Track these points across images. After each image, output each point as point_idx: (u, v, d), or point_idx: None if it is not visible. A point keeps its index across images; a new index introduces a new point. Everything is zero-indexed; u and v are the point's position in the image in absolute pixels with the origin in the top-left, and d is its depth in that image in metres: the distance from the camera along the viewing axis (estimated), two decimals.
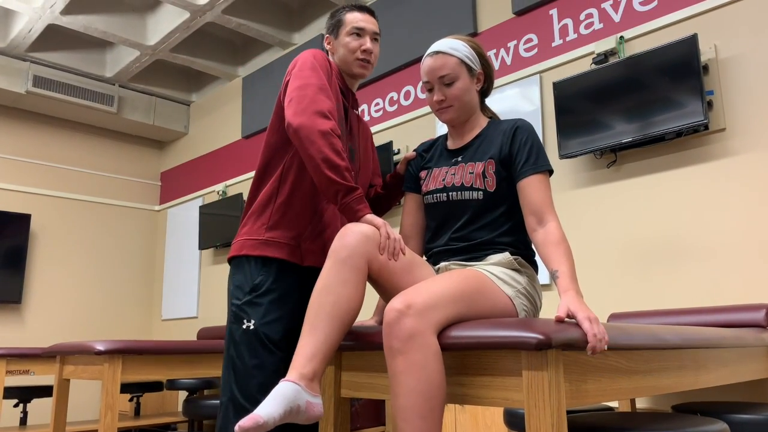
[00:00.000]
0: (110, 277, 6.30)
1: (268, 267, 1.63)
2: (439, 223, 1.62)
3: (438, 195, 1.60)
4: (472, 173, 1.56)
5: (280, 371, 1.56)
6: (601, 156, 3.12)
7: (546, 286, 3.22)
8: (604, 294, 3.03)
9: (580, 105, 3.05)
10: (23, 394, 4.29)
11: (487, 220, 1.54)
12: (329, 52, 1.84)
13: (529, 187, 1.48)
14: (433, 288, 1.27)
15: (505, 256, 1.50)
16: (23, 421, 4.47)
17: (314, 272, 1.70)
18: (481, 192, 1.54)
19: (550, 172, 1.53)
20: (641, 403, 2.79)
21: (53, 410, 2.98)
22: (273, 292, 1.61)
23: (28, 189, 5.90)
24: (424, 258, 1.69)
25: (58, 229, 6.03)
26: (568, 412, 2.12)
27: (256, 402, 1.51)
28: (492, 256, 1.51)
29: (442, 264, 1.57)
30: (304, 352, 1.31)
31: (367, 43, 1.78)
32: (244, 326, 1.59)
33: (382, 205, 1.91)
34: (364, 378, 1.44)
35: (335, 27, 1.82)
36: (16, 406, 4.34)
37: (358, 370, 1.46)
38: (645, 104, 2.83)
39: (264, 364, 1.56)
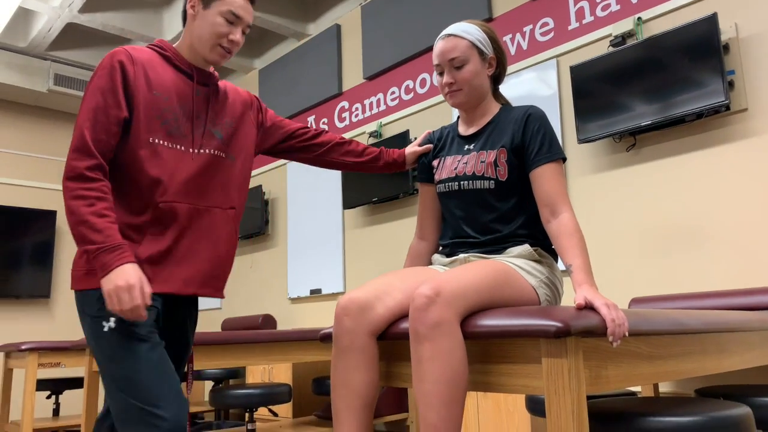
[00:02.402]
0: None
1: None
2: (452, 213, 1.63)
3: (450, 184, 1.61)
4: (484, 162, 1.56)
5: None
6: (620, 140, 3.09)
7: (565, 273, 3.22)
8: (625, 279, 3.02)
9: (598, 88, 3.02)
10: (55, 386, 4.40)
11: (500, 210, 1.54)
12: (187, 17, 1.60)
13: (542, 177, 1.48)
14: (462, 277, 1.28)
15: (525, 248, 1.50)
16: (56, 412, 4.59)
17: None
18: (492, 181, 1.54)
19: (564, 159, 1.52)
20: (664, 388, 2.78)
21: (85, 402, 3.07)
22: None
23: (52, 186, 6.01)
24: (440, 249, 1.70)
25: None
26: (590, 398, 2.12)
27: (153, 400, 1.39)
28: (512, 248, 1.51)
29: (461, 255, 1.58)
30: None
31: (237, 35, 1.59)
32: (105, 328, 1.44)
33: (372, 167, 1.87)
34: (387, 367, 1.46)
35: None
36: (48, 397, 4.46)
37: (380, 359, 1.48)
38: (664, 86, 2.80)
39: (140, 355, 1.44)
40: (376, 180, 4.28)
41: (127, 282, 1.34)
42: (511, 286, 1.37)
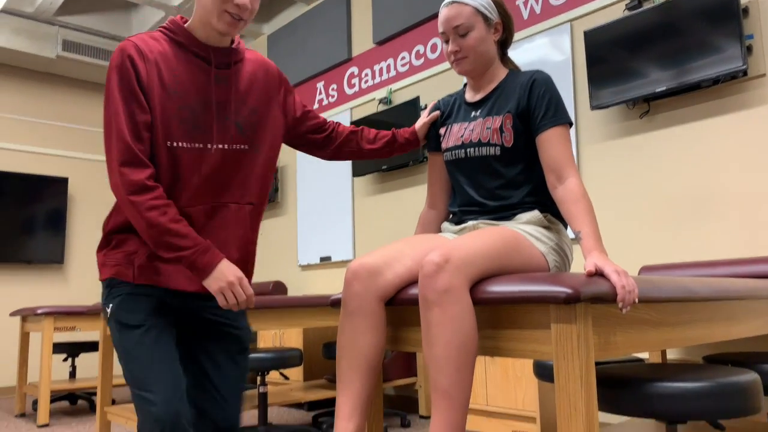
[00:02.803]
0: None
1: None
2: (460, 180, 1.62)
3: (456, 152, 1.60)
4: (489, 128, 1.54)
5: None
6: (633, 106, 3.05)
7: (574, 239, 3.21)
8: (636, 247, 3.01)
9: (613, 53, 2.97)
10: (71, 349, 4.50)
11: (506, 177, 1.54)
12: None
13: (548, 141, 1.47)
14: (471, 244, 1.28)
15: (535, 214, 1.50)
16: (72, 374, 4.70)
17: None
18: (498, 147, 1.53)
19: (570, 124, 1.51)
20: (672, 354, 2.80)
21: (100, 364, 3.14)
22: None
23: (64, 153, 6.04)
24: (450, 216, 1.70)
25: (94, 192, 6.19)
26: (597, 364, 2.14)
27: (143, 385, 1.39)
28: (522, 215, 1.51)
29: (470, 222, 1.58)
30: (343, 412, 1.37)
31: None
32: (108, 314, 1.48)
33: (389, 151, 1.78)
34: (395, 331, 1.48)
35: None
36: (65, 360, 4.56)
37: (389, 324, 1.49)
38: (680, 51, 2.74)
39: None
40: None
41: (235, 275, 1.38)
42: (520, 253, 1.38)
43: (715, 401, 1.30)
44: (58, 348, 4.48)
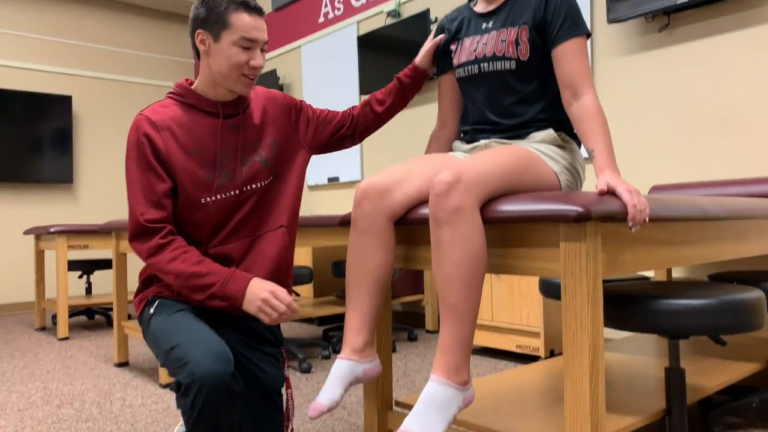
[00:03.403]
0: None
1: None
2: (473, 97, 1.58)
3: (469, 67, 1.55)
4: (504, 41, 1.49)
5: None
6: (652, 19, 2.93)
7: (587, 159, 3.17)
8: (649, 166, 2.98)
9: None
10: (85, 267, 4.60)
11: (521, 93, 1.49)
12: (201, 54, 1.50)
13: (565, 54, 1.41)
14: (483, 163, 1.27)
15: (549, 133, 1.47)
16: (88, 290, 4.84)
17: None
18: (513, 61, 1.48)
19: (588, 35, 1.45)
20: (677, 273, 2.83)
21: (114, 281, 3.21)
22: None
23: (66, 70, 5.93)
24: (462, 135, 1.67)
25: (99, 110, 6.13)
26: (603, 281, 2.17)
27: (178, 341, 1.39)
28: (535, 133, 1.48)
29: (482, 141, 1.55)
30: (351, 327, 1.41)
31: (258, 58, 1.48)
32: (147, 316, 1.53)
33: (402, 98, 1.77)
34: (404, 250, 1.49)
35: (216, 25, 1.45)
36: (80, 277, 4.68)
37: (399, 242, 1.50)
38: None
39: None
40: (394, 64, 4.15)
41: (267, 290, 1.38)
42: (533, 172, 1.36)
43: (717, 317, 1.32)
44: (72, 266, 4.58)
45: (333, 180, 4.82)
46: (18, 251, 5.64)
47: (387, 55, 4.22)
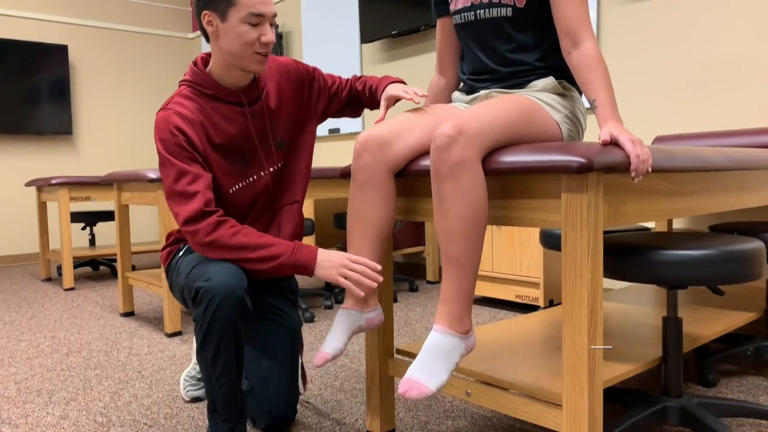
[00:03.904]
0: (154, 106, 6.39)
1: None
2: (470, 44, 1.55)
3: (465, 14, 1.51)
4: None
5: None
6: None
7: (588, 109, 3.14)
8: (653, 116, 2.95)
9: None
10: (88, 219, 4.62)
11: (518, 41, 1.46)
12: (209, 36, 1.48)
13: (563, 0, 1.37)
14: (485, 114, 1.25)
15: (550, 80, 1.44)
16: (92, 242, 4.87)
17: None
18: (509, 8, 1.44)
19: None
20: (678, 224, 2.84)
21: (117, 232, 3.23)
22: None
23: (62, 19, 5.81)
24: (461, 85, 1.64)
25: (97, 61, 6.03)
26: (603, 232, 2.18)
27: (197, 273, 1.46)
28: (536, 82, 1.46)
29: (482, 91, 1.53)
30: None
31: (269, 33, 1.45)
32: (176, 259, 1.62)
33: (362, 105, 1.78)
34: (405, 202, 1.49)
35: (221, 4, 1.42)
36: (83, 229, 4.70)
37: (400, 194, 1.50)
38: None
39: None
40: (395, 12, 4.05)
41: (342, 255, 1.40)
42: (535, 123, 1.34)
43: (717, 267, 1.33)
44: (75, 218, 4.60)
45: (334, 132, 4.78)
46: (20, 203, 5.65)
47: (388, 2, 4.12)
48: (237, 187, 1.58)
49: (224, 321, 1.36)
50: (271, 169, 1.63)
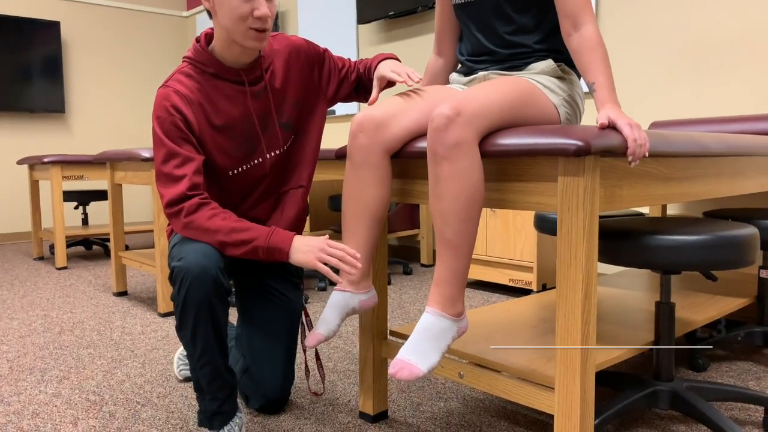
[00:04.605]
0: (148, 84, 6.33)
1: None
2: (468, 25, 1.53)
3: None
4: None
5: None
6: None
7: (586, 93, 3.12)
8: (650, 101, 2.94)
9: None
10: (81, 198, 4.59)
11: (518, 23, 1.44)
12: (210, 13, 1.46)
13: None
14: (483, 96, 1.24)
15: (549, 63, 1.43)
16: (85, 221, 4.85)
17: None
18: None
19: None
20: (672, 210, 2.84)
21: (110, 211, 3.21)
22: None
23: None
24: (459, 66, 1.63)
25: (89, 38, 5.95)
26: (599, 217, 2.18)
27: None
28: (534, 64, 1.44)
29: (480, 73, 1.51)
30: None
31: (262, 7, 1.38)
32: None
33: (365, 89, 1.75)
34: (401, 184, 1.48)
35: None
36: (76, 208, 4.68)
37: (395, 176, 1.49)
38: None
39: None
40: None
41: (319, 239, 1.38)
42: (533, 105, 1.33)
43: (710, 253, 1.33)
44: (68, 197, 4.57)
45: (329, 113, 4.75)
46: (13, 181, 5.61)
47: None
48: (238, 170, 1.55)
49: (198, 300, 1.35)
50: (277, 152, 1.60)
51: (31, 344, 2.39)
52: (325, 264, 1.41)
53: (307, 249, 1.38)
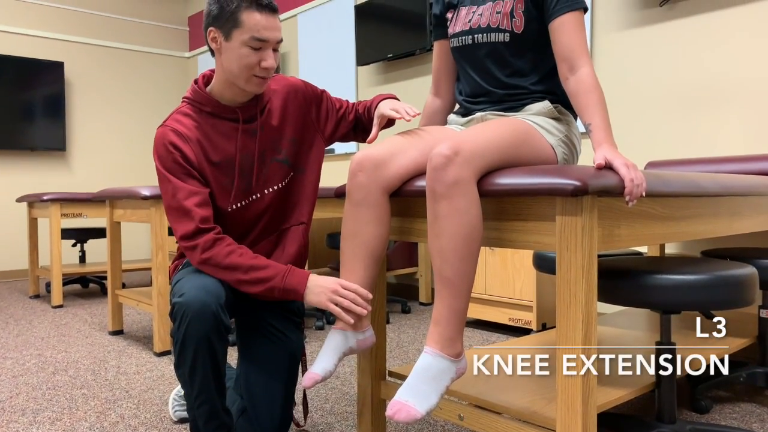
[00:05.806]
0: (149, 124, 6.40)
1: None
2: (466, 68, 1.56)
3: (463, 38, 1.53)
4: (500, 12, 1.46)
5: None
6: None
7: (583, 133, 3.16)
8: (646, 141, 2.97)
9: None
10: (79, 235, 4.59)
11: (514, 66, 1.48)
12: (213, 51, 1.49)
13: (562, 28, 1.39)
14: (481, 136, 1.26)
15: (545, 105, 1.45)
16: (82, 259, 4.83)
17: None
18: (507, 33, 1.46)
19: (585, 9, 1.42)
20: (670, 249, 2.85)
21: (108, 250, 3.21)
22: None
23: (58, 36, 5.83)
24: (456, 107, 1.65)
25: (92, 78, 6.04)
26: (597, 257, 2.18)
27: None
28: (531, 105, 1.47)
29: (478, 114, 1.54)
30: None
31: (269, 59, 1.44)
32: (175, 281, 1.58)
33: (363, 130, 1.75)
34: (400, 222, 1.49)
35: (227, 23, 1.41)
36: (74, 245, 4.66)
37: (393, 215, 1.50)
38: None
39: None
40: (391, 35, 4.09)
41: (333, 281, 1.39)
42: (530, 145, 1.35)
43: (709, 293, 1.33)
44: (66, 234, 4.57)
45: (328, 152, 4.78)
46: (11, 219, 5.61)
47: (384, 25, 4.17)
48: (237, 205, 1.56)
49: (197, 337, 1.35)
50: (275, 188, 1.60)
51: (24, 384, 2.35)
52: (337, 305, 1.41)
53: (319, 290, 1.39)
